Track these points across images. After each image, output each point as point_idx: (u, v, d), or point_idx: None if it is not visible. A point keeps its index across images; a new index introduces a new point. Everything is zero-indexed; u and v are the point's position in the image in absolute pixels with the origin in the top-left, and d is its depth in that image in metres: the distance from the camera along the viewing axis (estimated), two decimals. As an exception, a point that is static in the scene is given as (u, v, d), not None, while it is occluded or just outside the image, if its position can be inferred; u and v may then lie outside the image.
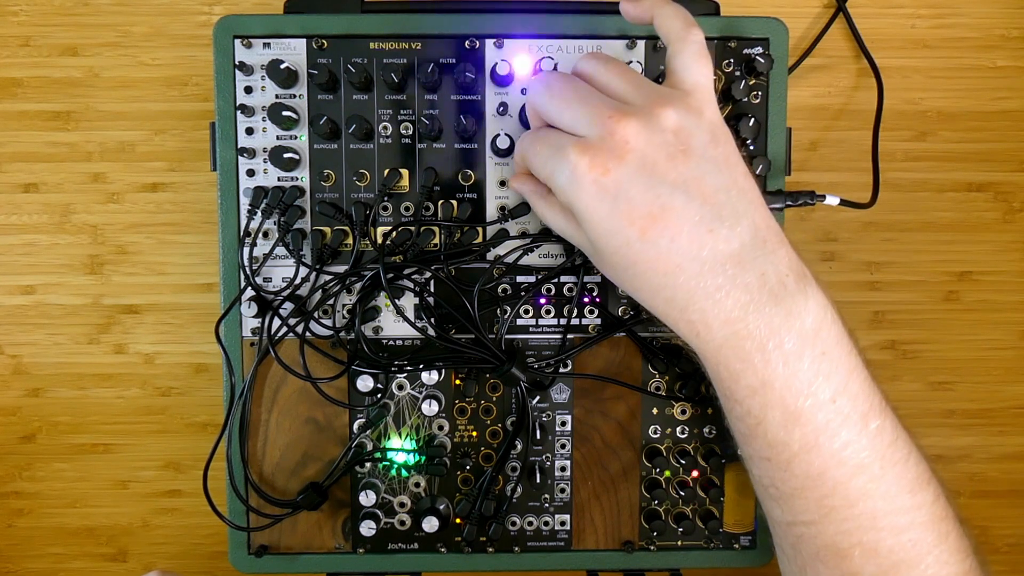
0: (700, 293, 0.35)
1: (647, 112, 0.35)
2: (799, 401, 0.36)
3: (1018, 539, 0.60)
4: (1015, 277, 0.57)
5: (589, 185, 0.35)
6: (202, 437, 0.57)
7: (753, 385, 0.36)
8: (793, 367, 0.35)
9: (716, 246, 0.35)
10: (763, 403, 0.36)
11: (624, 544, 0.48)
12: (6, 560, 0.58)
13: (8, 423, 0.57)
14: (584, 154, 0.35)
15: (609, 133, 0.35)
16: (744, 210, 0.35)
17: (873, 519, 0.37)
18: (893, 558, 0.37)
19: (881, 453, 0.37)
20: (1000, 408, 0.58)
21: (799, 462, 0.37)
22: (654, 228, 0.35)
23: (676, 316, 0.37)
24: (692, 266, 0.35)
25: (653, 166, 0.35)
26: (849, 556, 0.37)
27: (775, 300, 0.35)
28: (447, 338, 0.45)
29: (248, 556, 0.47)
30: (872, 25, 0.55)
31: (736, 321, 0.35)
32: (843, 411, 0.36)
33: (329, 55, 0.45)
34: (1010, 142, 0.56)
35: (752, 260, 0.35)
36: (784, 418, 0.36)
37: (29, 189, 0.55)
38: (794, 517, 0.38)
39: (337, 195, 0.45)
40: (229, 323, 0.46)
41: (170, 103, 0.55)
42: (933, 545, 0.37)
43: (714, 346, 0.36)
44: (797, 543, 0.39)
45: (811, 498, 0.37)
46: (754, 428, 0.37)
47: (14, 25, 0.54)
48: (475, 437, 0.47)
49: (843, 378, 0.36)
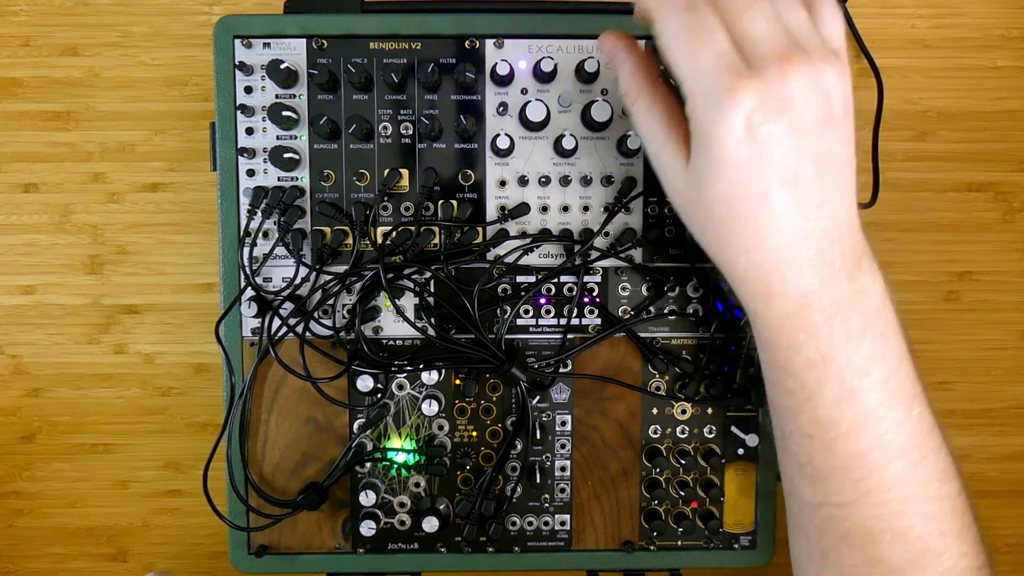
0: (788, 262, 0.35)
1: (815, 64, 0.32)
2: (856, 379, 0.36)
3: (1018, 539, 0.60)
4: (1015, 277, 0.57)
5: (742, 129, 0.32)
6: (202, 437, 0.57)
7: (813, 359, 0.36)
8: (856, 344, 0.35)
9: (819, 221, 0.34)
10: (820, 378, 0.36)
11: (624, 544, 0.48)
12: (6, 560, 0.58)
13: (8, 423, 0.57)
14: (753, 93, 0.31)
15: (781, 78, 0.32)
16: (847, 189, 0.35)
17: (905, 504, 0.37)
18: (920, 545, 0.37)
19: (920, 440, 0.37)
20: (1000, 408, 0.58)
21: (844, 441, 0.36)
22: (779, 191, 0.33)
23: (754, 278, 0.36)
24: (793, 235, 0.34)
25: (804, 129, 0.33)
26: (879, 541, 0.37)
27: (850, 277, 0.35)
28: (447, 338, 0.45)
29: (248, 556, 0.47)
30: (872, 25, 0.55)
31: (812, 293, 0.35)
32: (894, 394, 0.36)
33: (329, 55, 0.45)
34: (1010, 142, 0.56)
35: (840, 239, 0.35)
36: (839, 395, 0.36)
37: (29, 189, 0.55)
38: (826, 498, 0.38)
39: (337, 195, 0.45)
40: (229, 323, 0.46)
41: (170, 103, 0.55)
42: (957, 535, 0.37)
43: (783, 314, 0.36)
44: (824, 525, 0.39)
45: (848, 479, 0.37)
46: (803, 403, 0.37)
47: (14, 25, 0.54)
48: (475, 437, 0.47)
49: (896, 361, 0.36)
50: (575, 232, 0.46)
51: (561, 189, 0.45)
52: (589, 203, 0.46)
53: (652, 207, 0.46)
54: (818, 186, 0.34)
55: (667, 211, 0.46)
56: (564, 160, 0.45)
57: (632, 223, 0.46)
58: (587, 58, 0.44)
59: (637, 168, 0.46)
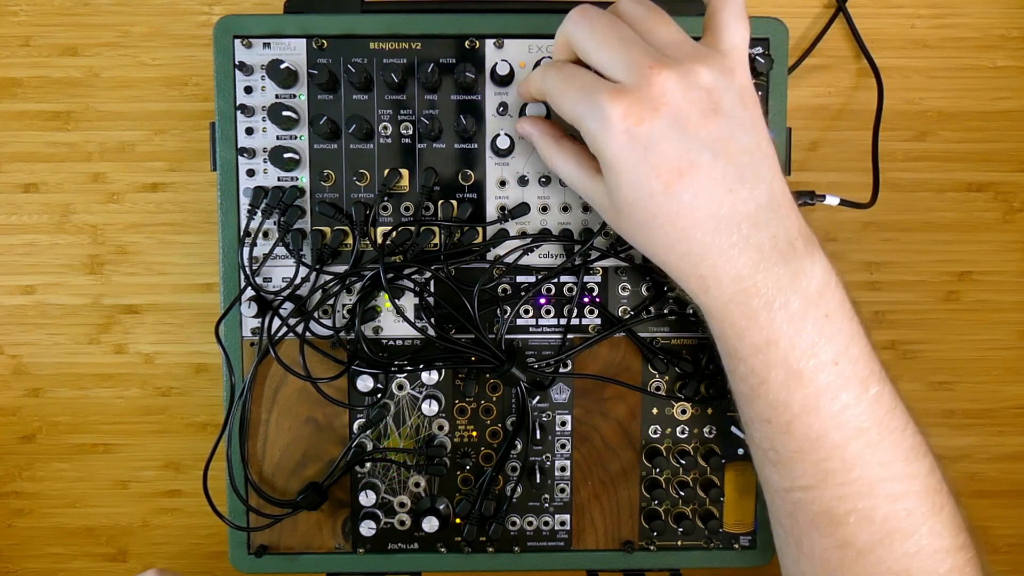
0: (714, 249, 0.36)
1: (685, 67, 0.35)
2: (802, 361, 0.36)
3: (1018, 539, 0.60)
4: (1015, 277, 0.57)
5: (621, 134, 0.35)
6: (202, 437, 0.57)
7: (757, 343, 0.37)
8: (797, 326, 0.36)
9: (735, 206, 0.35)
10: (766, 362, 0.37)
11: (624, 544, 0.48)
12: (6, 560, 0.58)
13: (8, 423, 0.57)
14: (619, 102, 0.35)
15: (647, 83, 0.35)
16: (764, 174, 0.36)
17: (869, 485, 0.37)
18: (887, 526, 0.37)
19: (879, 419, 0.37)
20: (1000, 408, 0.58)
21: (799, 424, 0.37)
22: (679, 183, 0.35)
23: (688, 271, 0.37)
24: (709, 223, 0.36)
25: (686, 121, 0.35)
26: (844, 523, 0.38)
27: (784, 260, 0.36)
28: (447, 338, 0.45)
29: (248, 556, 0.47)
30: (872, 25, 0.55)
31: (745, 278, 0.36)
32: (844, 374, 0.37)
33: (329, 55, 0.45)
34: (1010, 142, 0.56)
35: (766, 222, 0.36)
36: (787, 378, 0.37)
37: (29, 189, 0.55)
38: (792, 482, 0.39)
39: (337, 195, 0.45)
40: (229, 323, 0.46)
41: (170, 103, 0.55)
42: (927, 516, 0.37)
43: (722, 302, 0.37)
44: (794, 511, 0.40)
45: (809, 461, 0.38)
46: (756, 388, 0.38)
47: (14, 25, 0.54)
48: (475, 437, 0.47)
49: (845, 342, 0.37)
50: (575, 232, 0.46)
51: (561, 189, 0.45)
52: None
53: (652, 207, 0.46)
54: (723, 172, 0.35)
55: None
56: (564, 160, 0.45)
57: (632, 223, 0.46)
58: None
59: (637, 168, 0.46)
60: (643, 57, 0.35)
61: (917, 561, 0.37)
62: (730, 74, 0.36)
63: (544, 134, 0.42)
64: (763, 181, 0.36)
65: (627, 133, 0.35)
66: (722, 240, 0.36)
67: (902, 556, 0.37)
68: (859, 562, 0.38)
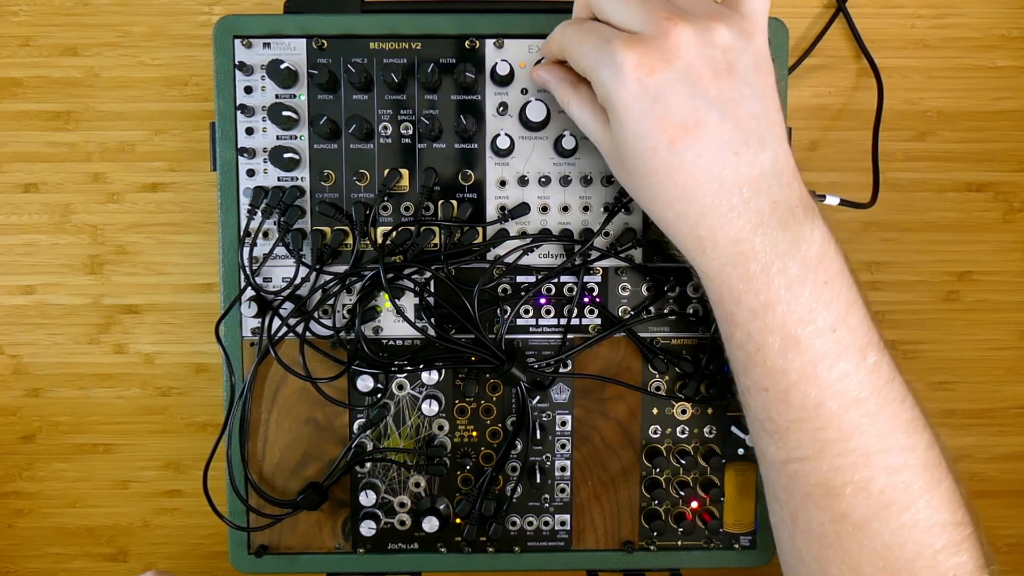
0: (713, 211, 0.36)
1: (702, 23, 0.35)
2: (799, 327, 0.36)
3: (1018, 539, 0.60)
4: (1015, 277, 0.57)
5: (632, 83, 0.34)
6: (202, 437, 0.57)
7: (755, 307, 0.36)
8: (795, 291, 0.36)
9: (738, 168, 0.35)
10: (763, 327, 0.37)
11: (624, 544, 0.48)
12: (6, 560, 0.58)
13: (8, 423, 0.57)
14: (632, 50, 0.34)
15: (663, 34, 0.34)
16: (770, 141, 0.36)
17: (867, 456, 0.37)
18: (884, 499, 0.37)
19: (877, 389, 0.37)
20: (1000, 408, 0.58)
21: (796, 392, 0.37)
22: (684, 139, 0.35)
23: (685, 231, 0.37)
24: (711, 184, 0.35)
25: (697, 78, 0.35)
26: (841, 494, 0.37)
27: (783, 225, 0.36)
28: (447, 338, 0.45)
29: (248, 556, 0.47)
30: (872, 25, 0.55)
31: (743, 241, 0.36)
32: (842, 341, 0.36)
33: (329, 55, 0.45)
34: (1010, 142, 0.56)
35: (767, 188, 0.36)
36: (784, 344, 0.36)
37: (29, 189, 0.55)
38: (788, 453, 0.39)
39: (337, 195, 0.45)
40: (229, 323, 0.46)
41: (170, 103, 0.55)
42: (924, 490, 0.37)
43: (719, 264, 0.37)
44: (790, 483, 0.39)
45: (806, 430, 0.37)
46: (753, 355, 0.38)
47: (14, 25, 0.54)
48: (475, 437, 0.47)
49: (843, 309, 0.37)
50: (575, 232, 0.46)
51: (561, 189, 0.45)
52: (589, 203, 0.46)
53: (652, 207, 0.46)
54: (729, 133, 0.35)
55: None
56: (564, 160, 0.45)
57: (632, 223, 0.46)
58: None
59: (637, 168, 0.46)
60: (660, 9, 0.35)
61: (914, 535, 0.37)
62: (748, 37, 0.36)
63: (562, 79, 0.41)
64: (768, 147, 0.36)
65: (638, 83, 0.34)
66: (722, 202, 0.35)
67: (898, 529, 0.37)
68: (855, 536, 0.38)
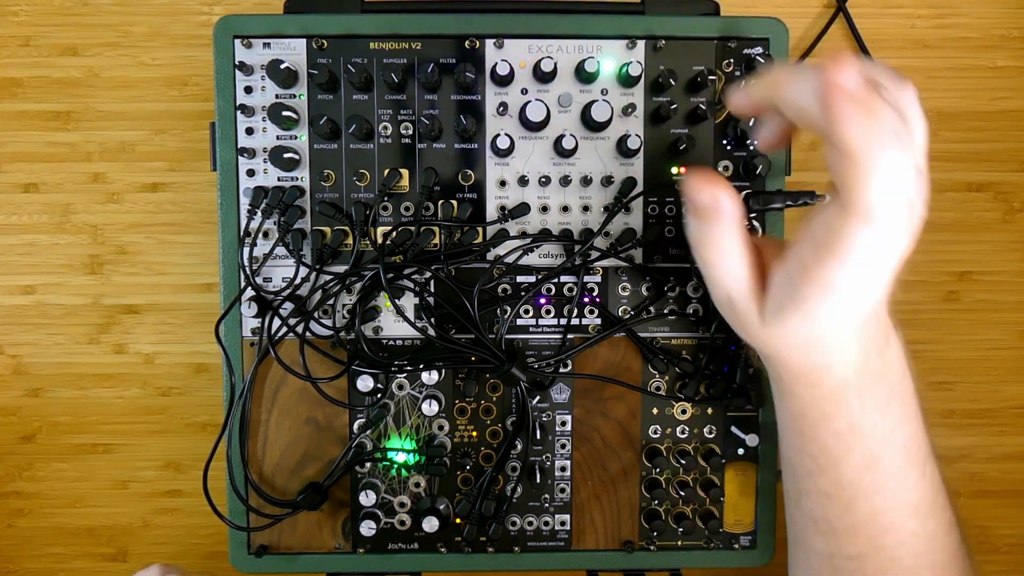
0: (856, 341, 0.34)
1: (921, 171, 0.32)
2: (881, 446, 0.36)
3: (1018, 539, 0.60)
4: (1015, 277, 0.57)
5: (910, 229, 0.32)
6: (202, 437, 0.57)
7: (841, 429, 0.36)
8: (883, 413, 0.36)
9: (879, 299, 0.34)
10: (846, 446, 0.36)
11: (624, 544, 0.48)
12: (6, 560, 0.58)
13: (8, 423, 0.57)
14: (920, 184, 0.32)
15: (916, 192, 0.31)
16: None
17: (916, 558, 0.38)
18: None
19: (932, 497, 0.38)
20: (1000, 408, 0.58)
21: (863, 503, 0.37)
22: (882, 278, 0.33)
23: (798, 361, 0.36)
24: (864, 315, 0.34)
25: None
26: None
27: (880, 353, 0.36)
28: (447, 338, 0.45)
29: (248, 556, 0.47)
30: (872, 25, 0.55)
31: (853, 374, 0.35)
32: (912, 456, 0.37)
33: (329, 55, 0.45)
34: (1010, 142, 0.56)
35: (876, 317, 0.35)
36: (864, 462, 0.36)
37: (29, 189, 0.55)
38: (839, 550, 0.39)
39: (337, 195, 0.45)
40: (229, 323, 0.46)
41: (170, 103, 0.55)
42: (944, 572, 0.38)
43: (819, 390, 0.36)
44: (835, 573, 0.40)
45: (864, 535, 0.38)
46: (825, 467, 0.37)
47: (14, 25, 0.54)
48: (475, 437, 0.47)
49: (915, 424, 0.37)
50: (575, 232, 0.46)
51: (561, 189, 0.45)
52: (589, 203, 0.46)
53: (652, 207, 0.46)
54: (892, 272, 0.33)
55: (667, 211, 0.46)
56: (564, 160, 0.45)
57: (632, 223, 0.46)
58: (587, 58, 0.44)
59: (637, 168, 0.46)
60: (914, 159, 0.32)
61: None
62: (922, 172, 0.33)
63: (734, 217, 0.35)
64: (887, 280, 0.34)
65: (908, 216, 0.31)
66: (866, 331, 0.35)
67: None
68: None
